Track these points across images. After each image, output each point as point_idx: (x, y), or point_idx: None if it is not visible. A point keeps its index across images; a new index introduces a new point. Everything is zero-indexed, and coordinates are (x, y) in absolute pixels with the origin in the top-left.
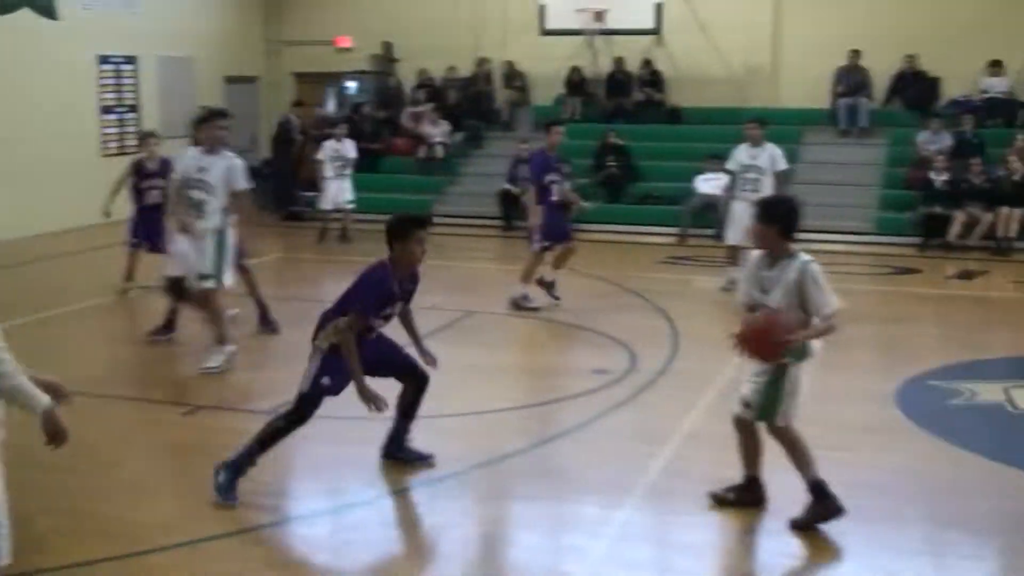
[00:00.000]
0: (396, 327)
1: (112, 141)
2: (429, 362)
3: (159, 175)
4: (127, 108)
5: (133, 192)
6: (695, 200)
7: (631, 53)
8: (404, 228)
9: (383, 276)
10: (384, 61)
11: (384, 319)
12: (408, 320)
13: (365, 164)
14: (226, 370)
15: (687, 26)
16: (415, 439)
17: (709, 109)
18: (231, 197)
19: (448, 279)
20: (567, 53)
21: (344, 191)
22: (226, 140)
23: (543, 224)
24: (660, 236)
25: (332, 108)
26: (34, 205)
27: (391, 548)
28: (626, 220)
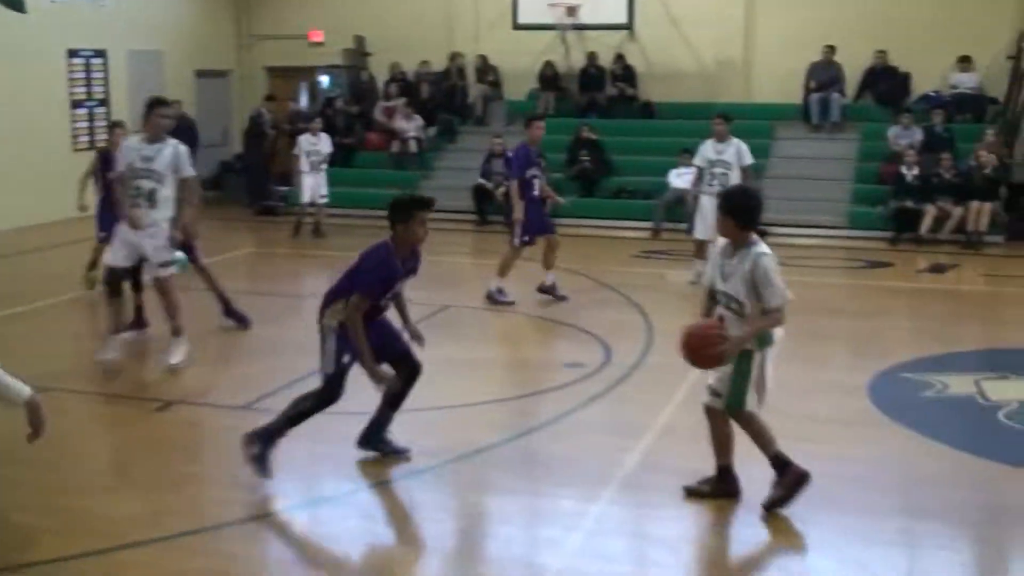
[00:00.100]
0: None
1: (83, 135)
2: (417, 342)
3: None
4: (97, 102)
5: (100, 183)
6: (669, 194)
7: (604, 48)
8: (407, 209)
9: (386, 256)
10: (356, 55)
11: (390, 298)
12: (399, 300)
13: (339, 159)
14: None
15: (659, 21)
16: (391, 432)
17: (681, 104)
18: (180, 184)
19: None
20: (540, 48)
21: (320, 186)
22: (168, 127)
23: (524, 219)
24: (634, 230)
25: (305, 103)
26: (5, 200)
27: (368, 542)
28: (600, 214)
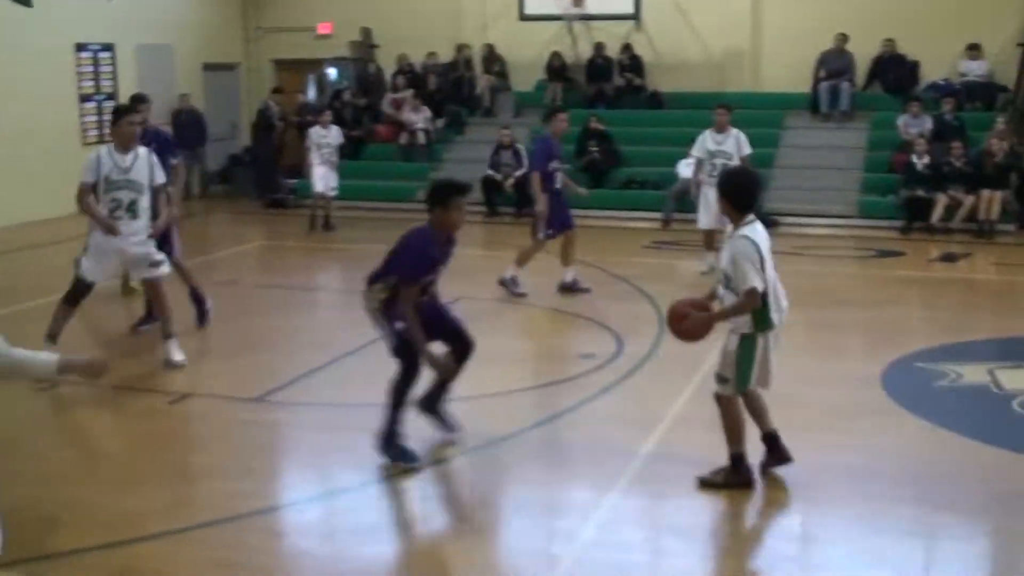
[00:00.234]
0: None
1: (92, 130)
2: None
3: None
4: (106, 96)
5: None
6: (678, 185)
7: (611, 38)
8: (445, 195)
9: (426, 242)
10: (363, 47)
11: (430, 283)
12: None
13: (347, 151)
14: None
15: (666, 11)
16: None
17: (689, 94)
18: (154, 191)
19: None
20: (547, 38)
21: (330, 178)
22: (137, 135)
23: (548, 213)
24: (644, 221)
25: (313, 95)
26: (14, 195)
27: (382, 533)
28: (610, 205)
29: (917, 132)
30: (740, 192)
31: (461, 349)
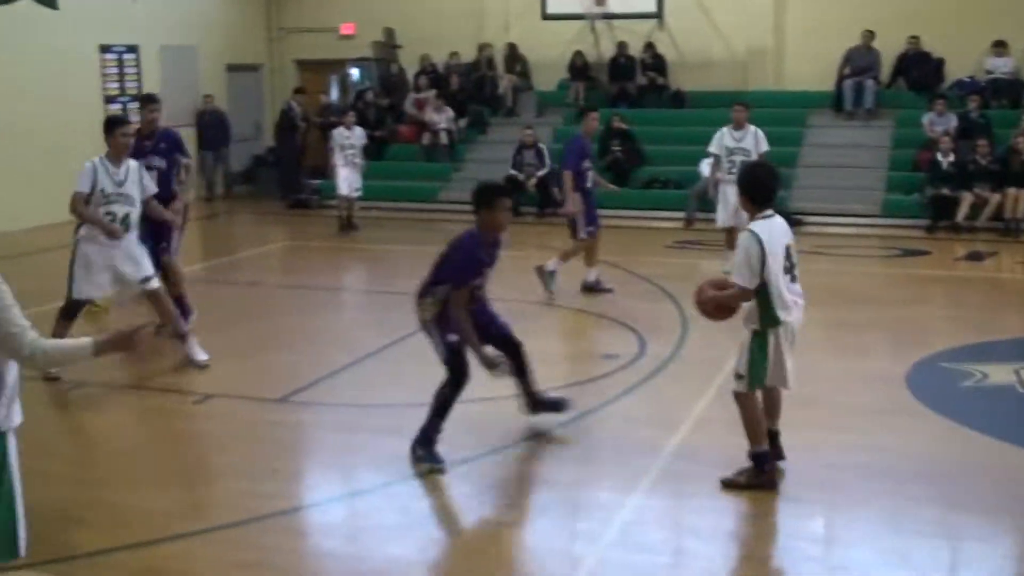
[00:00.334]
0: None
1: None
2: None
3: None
4: (131, 97)
5: None
6: (700, 184)
7: (633, 37)
8: (491, 196)
9: (474, 245)
10: (386, 48)
11: (479, 286)
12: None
13: (370, 151)
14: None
15: (689, 9)
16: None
17: (712, 92)
18: (145, 202)
19: None
20: (569, 37)
21: (354, 179)
22: (130, 146)
23: (584, 211)
24: (667, 220)
25: (335, 95)
26: (39, 196)
27: (404, 534)
28: (632, 205)
29: (942, 130)
30: (758, 186)
31: (512, 351)
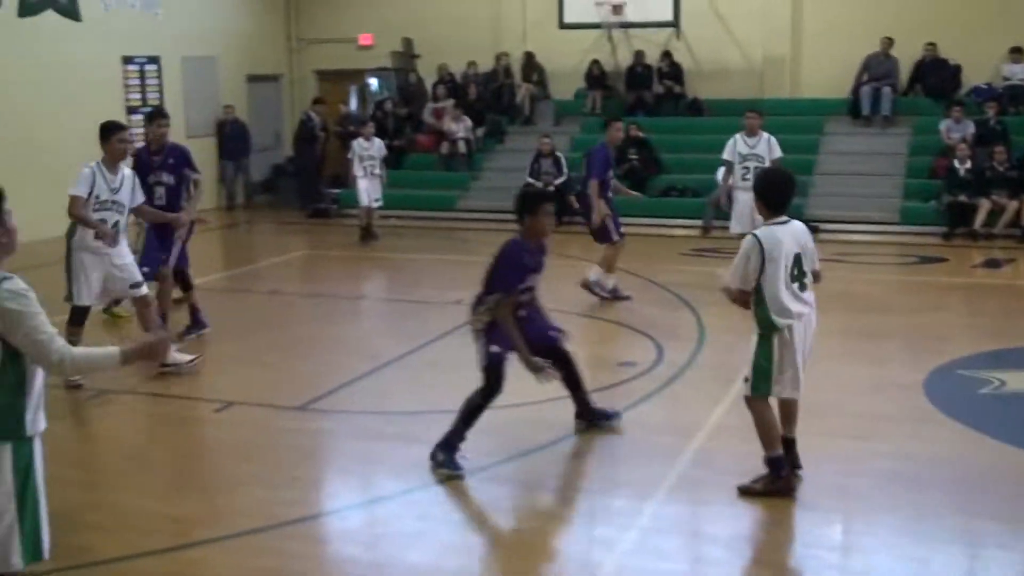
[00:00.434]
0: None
1: (139, 142)
2: (560, 336)
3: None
4: (152, 109)
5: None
6: (717, 192)
7: (650, 46)
8: (534, 202)
9: (519, 252)
10: (404, 58)
11: (526, 292)
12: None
13: (389, 161)
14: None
15: (705, 17)
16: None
17: (729, 101)
18: (136, 211)
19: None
20: (586, 46)
21: (375, 190)
22: (127, 152)
23: (612, 215)
24: (684, 228)
25: (355, 105)
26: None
27: (423, 541)
28: (649, 213)
29: (959, 137)
30: (772, 191)
31: (560, 361)
